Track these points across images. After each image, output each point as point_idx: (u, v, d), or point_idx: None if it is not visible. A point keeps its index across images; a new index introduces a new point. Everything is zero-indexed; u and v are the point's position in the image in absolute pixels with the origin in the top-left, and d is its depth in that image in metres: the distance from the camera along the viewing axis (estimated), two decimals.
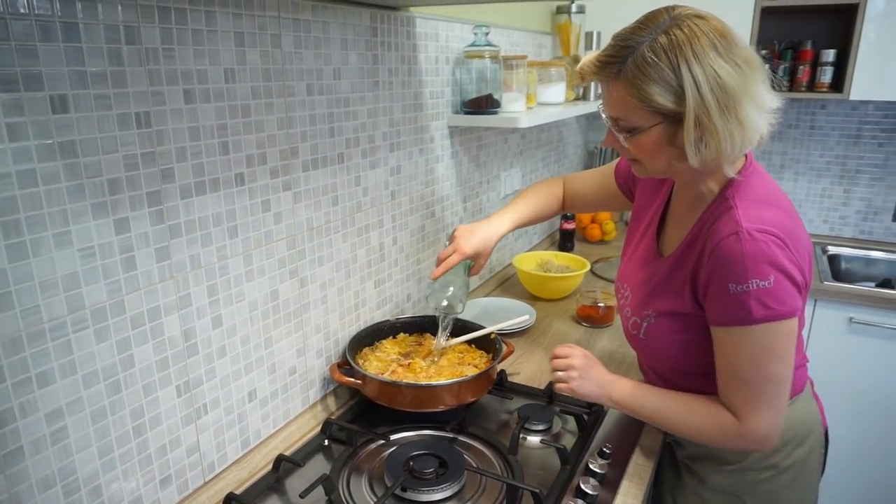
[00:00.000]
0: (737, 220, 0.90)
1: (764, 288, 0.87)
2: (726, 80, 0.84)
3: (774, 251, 0.87)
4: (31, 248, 0.73)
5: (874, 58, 2.02)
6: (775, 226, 0.89)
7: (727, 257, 0.89)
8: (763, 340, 0.90)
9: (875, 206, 2.42)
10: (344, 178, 1.25)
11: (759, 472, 1.07)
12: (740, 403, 0.95)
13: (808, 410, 1.10)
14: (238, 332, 1.04)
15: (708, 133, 0.86)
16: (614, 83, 0.89)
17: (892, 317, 1.93)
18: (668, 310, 1.03)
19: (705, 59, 0.83)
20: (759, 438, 0.96)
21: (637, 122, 0.90)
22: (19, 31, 0.69)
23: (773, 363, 0.92)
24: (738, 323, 0.90)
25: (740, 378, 0.94)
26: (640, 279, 1.11)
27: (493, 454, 1.13)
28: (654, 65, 0.84)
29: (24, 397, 0.75)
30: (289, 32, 1.05)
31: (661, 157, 0.93)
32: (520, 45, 2.00)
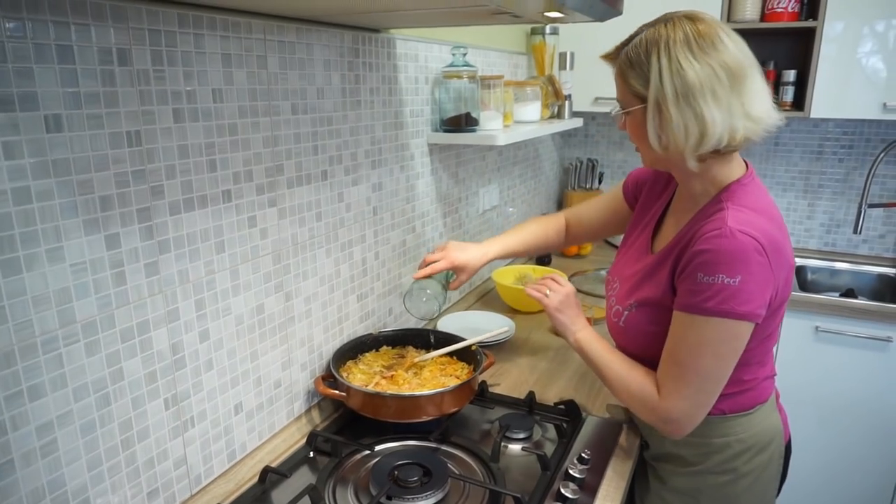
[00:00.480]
0: (724, 219, 0.94)
1: (728, 285, 0.91)
2: (688, 74, 0.91)
3: (750, 254, 0.90)
4: (25, 264, 0.75)
5: (832, 78, 2.12)
6: (759, 232, 0.92)
7: (705, 250, 0.93)
8: (708, 333, 0.94)
9: (837, 219, 2.52)
10: (327, 194, 1.28)
11: (718, 476, 1.10)
12: (666, 383, 1.01)
13: (771, 420, 1.12)
14: (224, 346, 1.06)
15: (665, 121, 0.94)
16: (617, 63, 1.01)
17: (856, 325, 2.01)
18: (647, 299, 1.07)
19: (674, 53, 0.92)
20: (669, 420, 1.01)
21: (625, 103, 1.01)
22: (16, 53, 0.71)
23: (709, 359, 0.96)
24: (693, 310, 0.95)
25: (675, 361, 0.99)
26: (630, 272, 1.15)
27: (475, 462, 1.15)
28: (635, 52, 0.96)
29: (16, 410, 0.76)
30: (274, 54, 1.09)
31: (643, 142, 1.00)
32: (496, 66, 2.06)
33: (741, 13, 2.19)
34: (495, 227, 2.20)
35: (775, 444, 1.12)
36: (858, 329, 2.01)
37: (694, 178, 1.03)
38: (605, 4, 1.08)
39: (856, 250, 2.51)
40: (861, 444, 2.10)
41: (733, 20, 2.20)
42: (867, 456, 2.10)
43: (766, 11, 2.19)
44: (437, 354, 1.36)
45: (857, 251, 2.51)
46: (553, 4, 0.96)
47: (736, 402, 1.08)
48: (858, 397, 2.06)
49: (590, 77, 2.36)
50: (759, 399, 1.10)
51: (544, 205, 2.73)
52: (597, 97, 2.40)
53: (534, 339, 1.69)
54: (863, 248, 2.50)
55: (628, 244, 1.24)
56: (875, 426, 2.06)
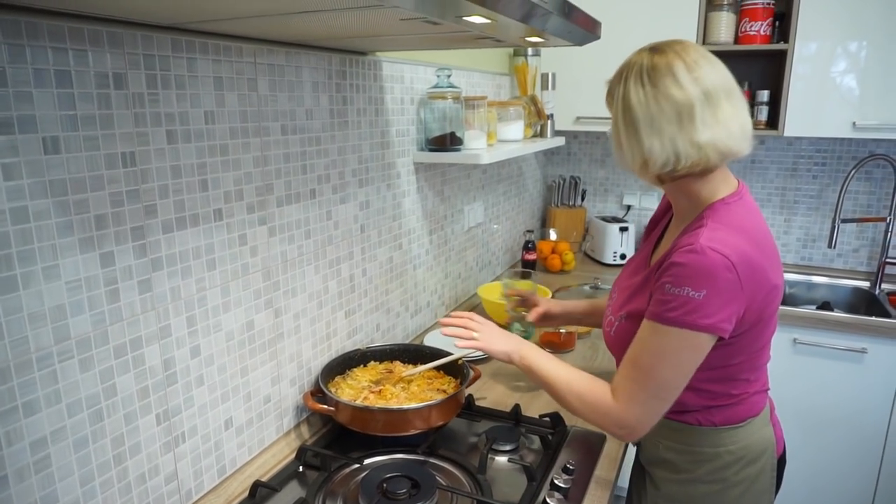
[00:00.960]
0: (699, 236, 0.97)
1: (693, 298, 0.94)
2: (632, 103, 0.99)
3: (718, 270, 0.93)
4: (22, 281, 0.77)
5: (805, 98, 2.20)
6: (731, 250, 0.94)
7: (676, 263, 0.96)
8: (669, 342, 0.98)
9: (813, 234, 2.59)
10: (316, 212, 1.30)
11: (709, 485, 1.13)
12: (624, 386, 1.03)
13: (763, 433, 1.14)
14: (215, 362, 1.08)
15: (616, 142, 1.04)
16: None
17: (832, 337, 2.07)
18: (634, 311, 1.10)
19: (628, 82, 1.00)
20: (623, 424, 1.03)
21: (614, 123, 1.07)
22: (16, 77, 0.74)
23: (668, 368, 0.99)
24: (658, 319, 0.98)
25: (637, 365, 1.02)
26: (626, 284, 1.19)
27: (462, 474, 1.17)
28: (623, 70, 1.03)
29: (11, 426, 0.77)
30: (264, 76, 1.12)
31: None
32: (479, 86, 2.11)
33: (716, 36, 2.27)
34: (480, 243, 2.24)
35: (767, 456, 1.14)
36: (835, 341, 2.06)
37: (679, 196, 1.09)
38: (583, 30, 1.13)
39: (831, 264, 2.58)
40: (839, 452, 2.14)
41: (709, 42, 2.28)
42: (846, 464, 2.14)
43: (739, 34, 2.28)
44: (424, 369, 1.38)
45: (833, 265, 2.58)
46: (534, 30, 1.00)
47: (726, 415, 1.10)
48: (836, 407, 2.11)
49: (571, 97, 2.43)
50: (751, 412, 1.12)
51: (528, 222, 2.78)
52: (578, 116, 2.46)
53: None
54: (838, 261, 2.57)
55: (633, 259, 1.28)
56: (852, 434, 2.11)
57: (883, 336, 2.01)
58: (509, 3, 0.81)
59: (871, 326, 2.02)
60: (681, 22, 2.27)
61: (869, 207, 2.48)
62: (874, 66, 2.09)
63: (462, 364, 1.39)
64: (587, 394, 1.08)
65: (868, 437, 2.09)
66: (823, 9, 2.11)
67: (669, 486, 1.17)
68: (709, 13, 2.27)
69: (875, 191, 2.46)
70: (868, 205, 2.48)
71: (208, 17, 0.84)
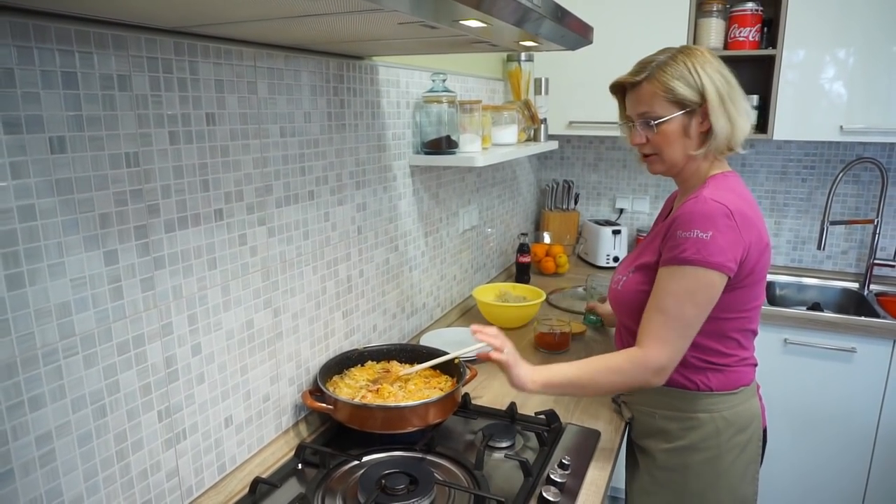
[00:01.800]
0: (701, 191, 1.15)
1: (701, 238, 1.09)
2: (729, 80, 1.16)
3: (718, 215, 1.09)
4: (28, 278, 0.78)
5: (793, 102, 2.24)
6: (730, 202, 1.11)
7: (684, 211, 1.12)
8: (686, 280, 1.10)
9: (802, 237, 2.63)
10: (314, 213, 1.32)
11: (702, 452, 1.21)
12: (651, 331, 1.14)
13: (752, 403, 1.25)
14: (216, 360, 1.10)
15: (720, 118, 1.13)
16: (645, 84, 1.17)
17: (822, 337, 2.10)
18: (643, 263, 1.21)
19: (708, 67, 1.15)
20: (656, 367, 1.13)
21: (662, 112, 1.17)
22: (24, 79, 0.76)
23: (690, 306, 1.11)
24: (674, 262, 1.11)
25: (661, 309, 1.13)
26: (636, 253, 1.30)
27: (460, 470, 1.19)
28: (675, 66, 1.15)
29: (17, 420, 0.79)
30: (264, 80, 1.14)
31: (677, 146, 1.18)
32: (474, 91, 2.14)
33: (706, 42, 2.30)
34: (475, 246, 2.26)
35: (755, 425, 1.24)
36: (825, 341, 2.09)
37: (693, 177, 1.23)
38: (576, 34, 1.16)
39: (821, 266, 2.62)
40: (830, 451, 2.17)
41: None
42: (836, 463, 2.17)
43: (728, 40, 2.32)
44: (421, 368, 1.39)
45: (822, 267, 2.62)
46: (528, 34, 1.03)
47: (721, 380, 1.20)
48: (826, 406, 2.14)
49: (564, 102, 2.46)
50: (743, 381, 1.22)
51: (522, 225, 2.81)
52: (571, 121, 2.49)
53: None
54: (827, 263, 2.61)
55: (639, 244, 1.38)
56: (842, 433, 2.14)
57: (872, 336, 2.04)
58: (504, 7, 0.83)
59: (860, 326, 2.05)
60: (671, 28, 2.31)
61: (857, 210, 2.52)
62: (861, 71, 2.13)
63: (458, 364, 1.41)
64: (618, 362, 1.16)
65: (858, 436, 2.12)
66: (811, 15, 2.15)
67: (663, 456, 1.25)
68: (698, 19, 2.31)
69: (863, 193, 2.51)
70: (856, 207, 2.52)
71: (210, 21, 0.86)
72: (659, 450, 1.25)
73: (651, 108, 1.18)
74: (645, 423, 1.29)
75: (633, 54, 1.28)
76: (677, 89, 1.14)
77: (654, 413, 1.27)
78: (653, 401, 1.27)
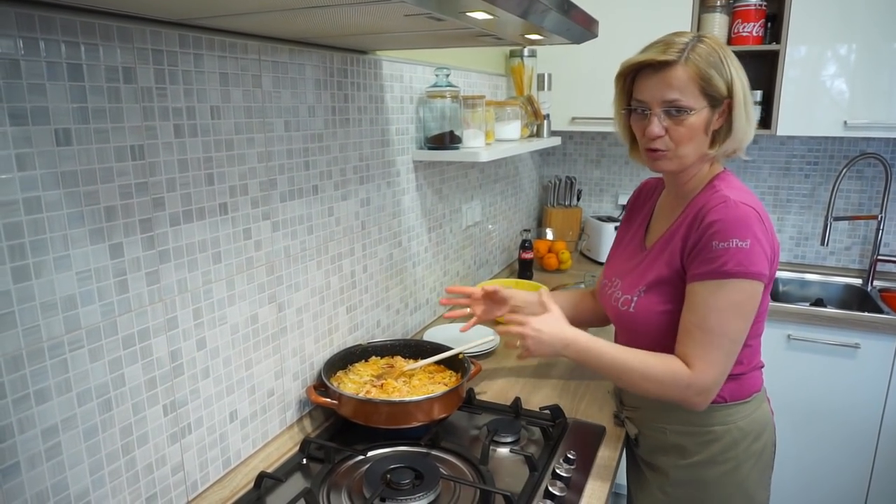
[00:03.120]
0: (725, 194, 1.07)
1: (741, 248, 1.02)
2: (745, 83, 1.09)
3: (753, 220, 1.03)
4: (34, 271, 0.78)
5: (797, 98, 2.23)
6: (754, 204, 1.06)
7: (717, 218, 1.04)
8: (732, 294, 1.03)
9: (805, 233, 2.62)
10: (318, 208, 1.32)
11: (720, 465, 1.16)
12: (696, 351, 1.05)
13: (764, 409, 1.20)
14: (220, 354, 1.09)
15: (741, 120, 1.08)
16: (681, 67, 1.06)
17: (825, 333, 2.09)
18: (656, 279, 1.14)
19: (735, 60, 1.08)
20: (703, 389, 1.06)
21: (692, 103, 1.06)
22: (30, 70, 0.75)
23: (737, 319, 1.04)
24: (715, 276, 1.03)
25: (704, 327, 1.05)
26: (628, 268, 1.23)
27: (465, 465, 1.19)
28: (711, 54, 1.06)
29: (23, 413, 0.78)
30: (268, 73, 1.14)
31: (695, 142, 1.09)
32: (476, 86, 2.13)
33: None
34: (477, 242, 2.25)
35: (768, 432, 1.20)
36: (828, 336, 2.09)
37: (692, 179, 1.16)
38: (581, 27, 1.15)
39: (824, 262, 2.61)
40: (833, 446, 2.17)
41: None
42: (839, 458, 2.17)
43: (732, 35, 2.31)
44: (425, 363, 1.39)
45: (825, 263, 2.61)
46: (533, 26, 1.02)
47: (733, 390, 1.14)
48: (830, 401, 2.14)
49: (567, 97, 2.46)
50: (754, 388, 1.18)
51: (525, 221, 2.80)
52: (574, 117, 2.49)
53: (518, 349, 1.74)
54: (830, 259, 2.60)
55: (620, 248, 1.31)
56: (846, 429, 2.14)
57: (875, 331, 2.03)
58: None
59: (863, 322, 2.05)
60: (674, 23, 2.29)
61: (860, 206, 2.52)
62: (864, 66, 2.12)
63: (463, 359, 1.40)
64: (661, 373, 1.08)
65: (861, 431, 2.12)
66: (815, 11, 2.14)
67: (678, 472, 1.19)
68: (702, 15, 2.30)
69: (866, 189, 2.50)
70: (859, 203, 2.52)
71: (217, 13, 0.86)
72: (673, 466, 1.20)
73: (683, 95, 1.05)
74: (655, 440, 1.23)
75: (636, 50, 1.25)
76: (713, 79, 1.05)
77: (665, 429, 1.20)
78: (663, 417, 1.20)
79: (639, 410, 1.27)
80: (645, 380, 1.10)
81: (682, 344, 1.08)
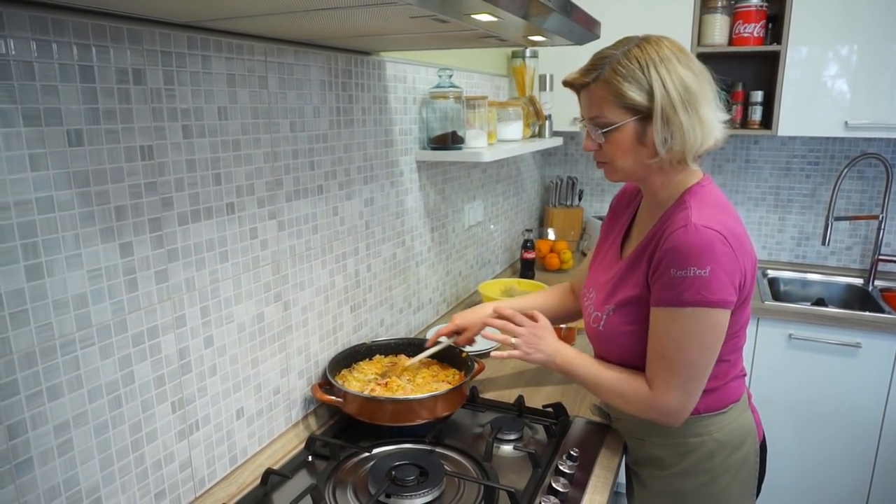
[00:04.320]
0: (688, 216, 1.02)
1: (700, 276, 0.98)
2: (688, 83, 1.00)
3: (715, 245, 0.98)
4: (47, 269, 0.79)
5: (798, 98, 2.24)
6: (721, 226, 1.00)
7: (674, 245, 1.00)
8: (690, 325, 1.01)
9: (807, 233, 2.63)
10: (323, 208, 1.33)
11: (697, 477, 1.15)
12: (657, 377, 1.06)
13: (744, 419, 1.18)
14: (227, 352, 1.11)
15: (675, 127, 1.01)
16: (594, 86, 1.05)
17: (827, 332, 2.10)
18: (625, 299, 1.12)
19: (670, 65, 1.01)
20: (666, 412, 1.07)
21: (613, 119, 1.04)
22: (42, 72, 0.77)
23: (694, 349, 1.02)
24: (671, 304, 1.01)
25: (662, 354, 1.05)
26: (604, 280, 1.21)
27: (469, 462, 1.20)
28: (628, 67, 1.01)
29: (36, 409, 0.80)
30: (274, 74, 1.15)
31: (631, 154, 1.06)
32: (479, 87, 2.14)
33: (710, 38, 2.31)
34: (480, 242, 2.27)
35: (749, 442, 1.17)
36: (830, 336, 2.10)
37: (661, 188, 1.11)
38: (583, 28, 1.16)
39: (825, 262, 2.62)
40: (834, 446, 2.18)
41: (703, 44, 2.32)
42: (841, 458, 2.18)
43: (733, 36, 2.32)
44: (423, 356, 1.39)
45: (826, 262, 2.62)
46: (536, 28, 1.03)
47: (708, 402, 1.12)
48: (831, 401, 2.15)
49: (568, 98, 2.44)
50: (731, 398, 1.16)
51: (527, 221, 2.81)
52: (575, 117, 2.48)
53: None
54: (831, 259, 2.61)
55: (599, 257, 1.29)
56: (847, 429, 2.15)
57: (877, 331, 2.04)
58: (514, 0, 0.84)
59: (865, 321, 2.05)
60: (675, 24, 2.32)
61: (861, 206, 2.53)
62: (865, 67, 2.14)
63: (466, 357, 1.41)
64: (628, 392, 1.11)
65: (862, 431, 2.13)
66: (816, 11, 2.15)
67: (657, 483, 1.20)
68: (703, 15, 2.31)
69: (867, 189, 2.51)
70: (860, 203, 2.53)
71: (225, 16, 0.87)
72: (652, 477, 1.21)
73: (601, 112, 1.04)
74: (637, 450, 1.24)
75: None
76: (627, 94, 1.00)
77: (643, 440, 1.21)
78: (641, 429, 1.20)
79: (620, 421, 1.28)
80: (617, 397, 1.13)
81: (648, 365, 1.09)
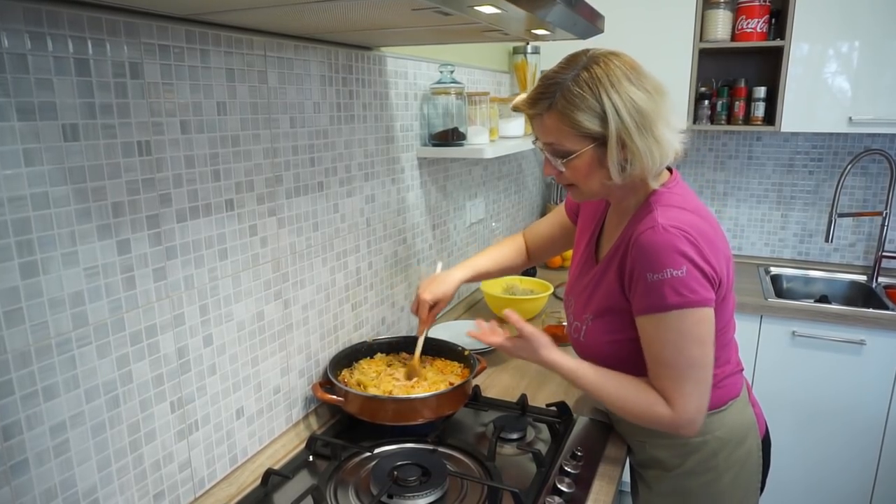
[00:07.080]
0: (654, 217, 1.01)
1: (677, 277, 0.96)
2: (641, 105, 0.97)
3: (685, 244, 0.97)
4: (42, 267, 0.78)
5: (801, 94, 2.22)
6: (687, 224, 0.99)
7: (645, 248, 0.99)
8: (679, 325, 0.98)
9: (809, 229, 2.62)
10: (323, 205, 1.32)
11: (700, 476, 1.14)
12: (668, 388, 1.01)
13: (744, 414, 1.17)
14: (227, 351, 1.09)
15: (630, 152, 0.98)
16: (548, 115, 1.01)
17: (830, 329, 2.09)
18: (601, 308, 1.10)
19: (621, 88, 0.96)
20: (689, 421, 1.01)
21: (570, 147, 1.01)
22: (37, 65, 0.75)
23: (692, 346, 0.99)
24: (655, 310, 0.99)
25: (664, 363, 1.01)
26: (581, 287, 1.19)
27: (472, 462, 1.19)
28: (580, 95, 0.97)
29: (31, 410, 0.78)
30: (274, 69, 1.13)
31: (593, 178, 1.03)
32: (480, 83, 2.12)
33: (713, 34, 2.29)
34: (481, 239, 2.25)
35: (752, 437, 1.17)
36: (833, 333, 2.08)
37: (629, 196, 1.10)
38: (587, 21, 1.15)
39: (828, 259, 2.61)
40: (838, 443, 2.16)
41: (706, 40, 2.30)
42: (845, 455, 2.16)
43: (736, 32, 2.30)
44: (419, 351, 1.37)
45: (830, 259, 2.60)
46: (539, 20, 1.02)
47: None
48: (835, 398, 2.13)
49: None
50: (731, 395, 1.15)
51: (528, 218, 2.80)
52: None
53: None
54: (835, 256, 2.60)
55: (576, 261, 1.26)
56: (851, 426, 2.13)
57: (881, 328, 2.03)
58: None
59: (869, 318, 2.04)
60: (678, 20, 2.30)
61: (865, 202, 2.51)
62: (868, 62, 2.12)
63: (469, 355, 1.40)
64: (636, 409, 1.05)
65: (866, 428, 2.12)
66: (819, 7, 2.13)
67: (661, 484, 1.19)
68: (706, 11, 2.29)
69: (871, 185, 2.49)
70: (864, 199, 2.51)
71: (225, 8, 0.85)
72: (656, 478, 1.19)
73: (558, 140, 1.01)
74: (639, 452, 1.22)
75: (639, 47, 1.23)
76: (583, 123, 0.97)
77: (644, 443, 1.20)
78: (641, 432, 1.18)
79: (620, 424, 1.26)
80: (624, 412, 1.08)
81: (654, 378, 1.04)
